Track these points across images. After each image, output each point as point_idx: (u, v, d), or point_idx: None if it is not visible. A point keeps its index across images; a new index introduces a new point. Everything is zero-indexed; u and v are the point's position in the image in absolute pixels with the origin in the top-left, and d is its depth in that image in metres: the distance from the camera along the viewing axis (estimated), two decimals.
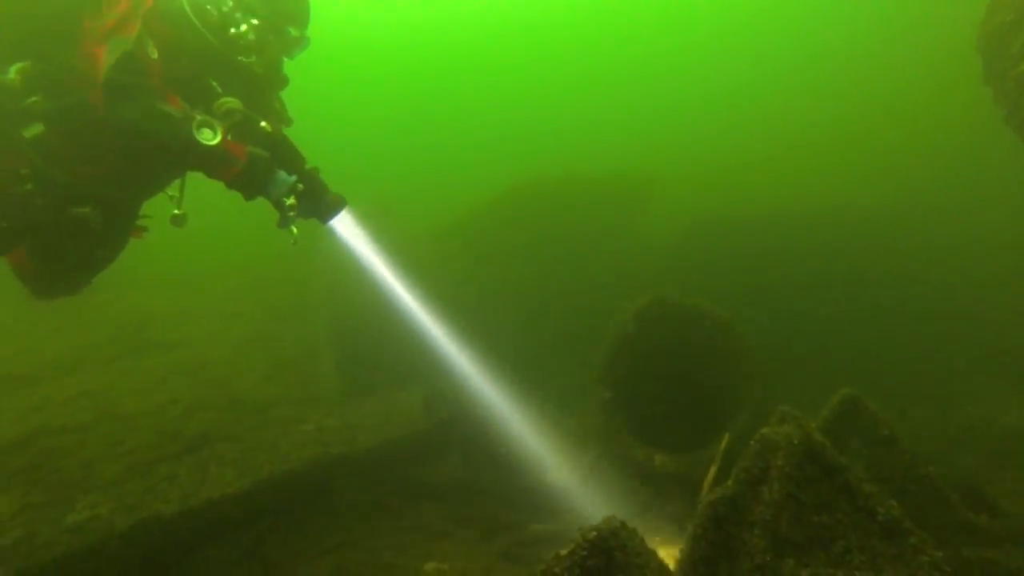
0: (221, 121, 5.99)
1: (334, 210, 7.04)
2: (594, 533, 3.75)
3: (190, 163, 6.24)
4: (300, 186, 6.57)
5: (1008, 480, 8.11)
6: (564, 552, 3.71)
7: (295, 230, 6.97)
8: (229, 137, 6.03)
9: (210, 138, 5.80)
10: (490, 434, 10.86)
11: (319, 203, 6.93)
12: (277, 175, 6.35)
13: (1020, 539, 6.58)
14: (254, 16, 6.34)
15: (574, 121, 51.58)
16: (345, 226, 8.04)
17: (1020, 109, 5.76)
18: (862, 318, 14.89)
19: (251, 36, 6.31)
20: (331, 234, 7.81)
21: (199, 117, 5.86)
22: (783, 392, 9.87)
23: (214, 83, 6.35)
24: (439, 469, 10.64)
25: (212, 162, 5.97)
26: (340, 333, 14.02)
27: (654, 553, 4.28)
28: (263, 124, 6.54)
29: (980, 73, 8.46)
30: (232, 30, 6.26)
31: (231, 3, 6.29)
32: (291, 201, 6.45)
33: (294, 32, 6.63)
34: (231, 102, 6.22)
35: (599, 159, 32.50)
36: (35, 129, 5.96)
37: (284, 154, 6.79)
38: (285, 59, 6.95)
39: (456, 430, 11.06)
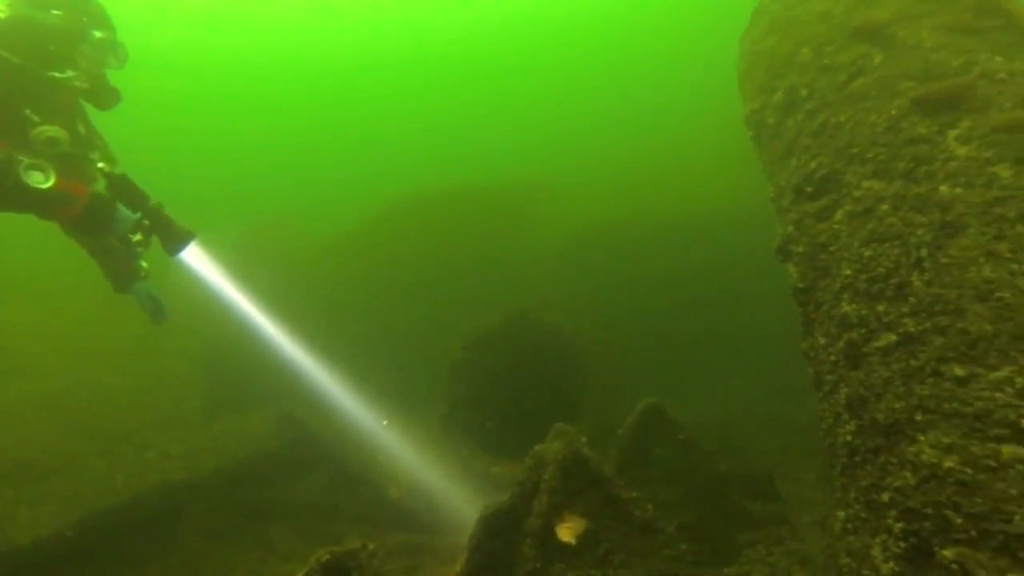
0: (45, 154, 5.58)
1: (181, 243, 6.69)
2: (328, 556, 4.11)
3: (24, 208, 5.71)
4: (146, 222, 6.30)
5: (794, 466, 9.08)
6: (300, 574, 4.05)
7: (145, 264, 6.88)
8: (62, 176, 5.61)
9: (42, 181, 5.40)
10: (351, 452, 11.06)
11: (166, 237, 6.57)
12: (119, 213, 6.06)
13: (782, 519, 7.52)
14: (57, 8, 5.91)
15: (467, 130, 51.78)
16: (199, 255, 8.02)
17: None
18: (715, 316, 15.90)
19: (60, 23, 5.90)
20: (185, 262, 7.79)
21: (25, 160, 5.43)
22: (636, 391, 10.40)
23: (28, 111, 6.06)
24: (295, 489, 10.76)
25: (48, 205, 5.57)
26: (207, 354, 13.82)
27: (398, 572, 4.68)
28: (100, 164, 6.34)
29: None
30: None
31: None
32: (137, 237, 6.23)
33: (99, 34, 6.26)
34: (50, 131, 5.72)
35: (490, 168, 33.00)
36: None
37: (125, 191, 6.36)
38: (115, 71, 6.70)
39: (316, 449, 11.18)
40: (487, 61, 55.62)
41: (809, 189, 5.67)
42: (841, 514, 4.73)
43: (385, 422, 10.33)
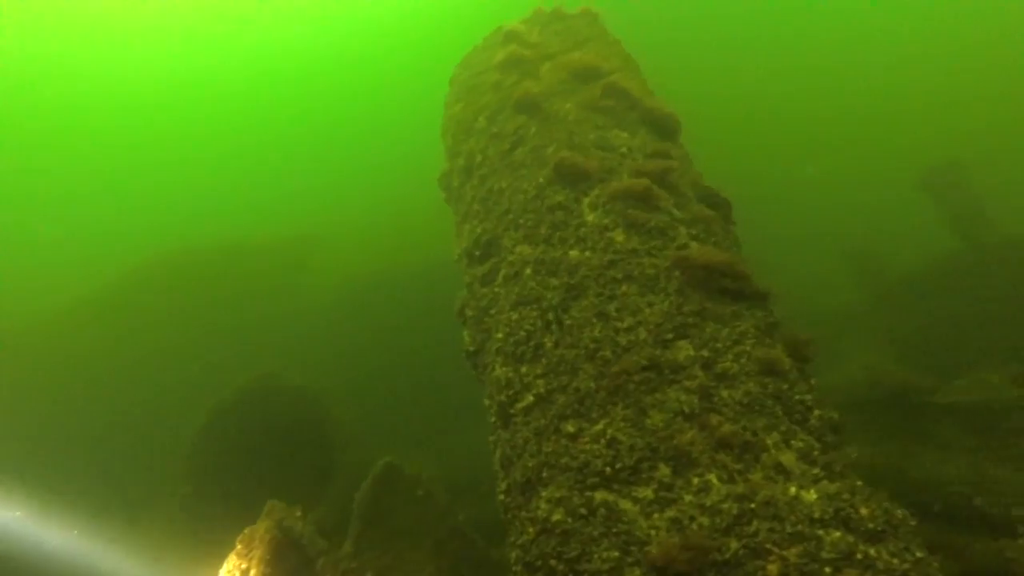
0: None
1: None
2: None
3: None
4: None
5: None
6: None
7: None
8: None
9: None
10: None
11: None
12: None
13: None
14: None
15: (228, 182, 46.68)
16: None
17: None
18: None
19: None
20: None
21: None
22: (397, 442, 10.15)
23: None
24: None
25: None
26: None
27: None
28: None
29: None
30: None
31: None
32: None
33: None
34: None
35: (256, 221, 31.38)
36: None
37: None
38: None
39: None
40: (246, 108, 50.90)
41: (477, 253, 6.01)
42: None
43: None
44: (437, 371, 14.25)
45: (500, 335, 5.25)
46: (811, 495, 3.85)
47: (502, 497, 4.86)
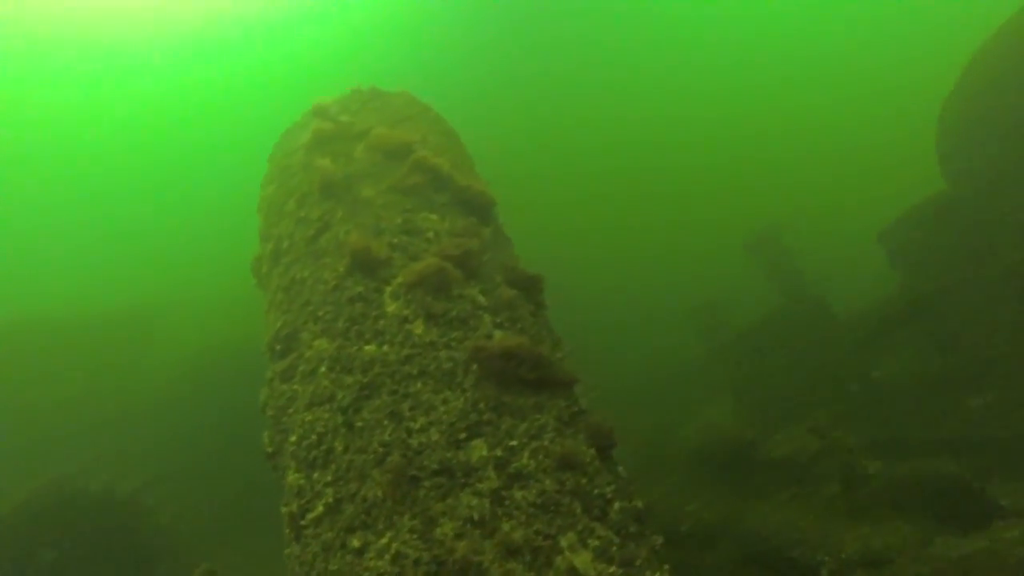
0: None
1: None
2: None
3: None
4: None
5: None
6: None
7: None
8: None
9: None
10: None
11: None
12: None
13: None
14: None
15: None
16: None
17: None
18: None
19: None
20: None
21: None
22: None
23: None
24: None
25: None
26: None
27: None
28: None
29: None
30: None
31: None
32: None
33: None
34: None
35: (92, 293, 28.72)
36: None
37: None
38: None
39: None
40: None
41: (278, 347, 5.63)
42: None
43: None
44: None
45: (293, 438, 4.87)
46: None
47: None
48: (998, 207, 10.90)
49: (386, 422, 4.50)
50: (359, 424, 4.56)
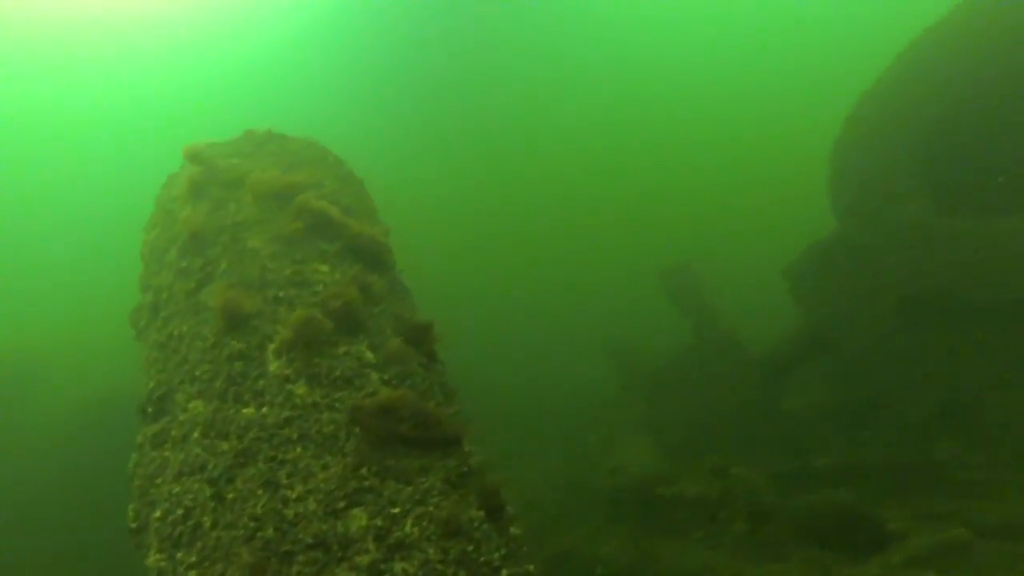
0: None
1: None
2: None
3: None
4: None
5: None
6: None
7: None
8: None
9: None
10: None
11: None
12: None
13: None
14: None
15: None
16: None
17: None
18: None
19: None
20: None
21: None
22: None
23: None
24: None
25: None
26: None
27: None
28: None
29: None
30: None
31: None
32: None
33: None
34: None
35: None
36: None
37: None
38: None
39: None
40: None
41: (150, 410, 5.23)
42: None
43: None
44: None
45: (159, 512, 4.48)
46: None
47: None
48: (882, 245, 11.57)
49: (260, 492, 4.20)
50: (230, 496, 4.24)
